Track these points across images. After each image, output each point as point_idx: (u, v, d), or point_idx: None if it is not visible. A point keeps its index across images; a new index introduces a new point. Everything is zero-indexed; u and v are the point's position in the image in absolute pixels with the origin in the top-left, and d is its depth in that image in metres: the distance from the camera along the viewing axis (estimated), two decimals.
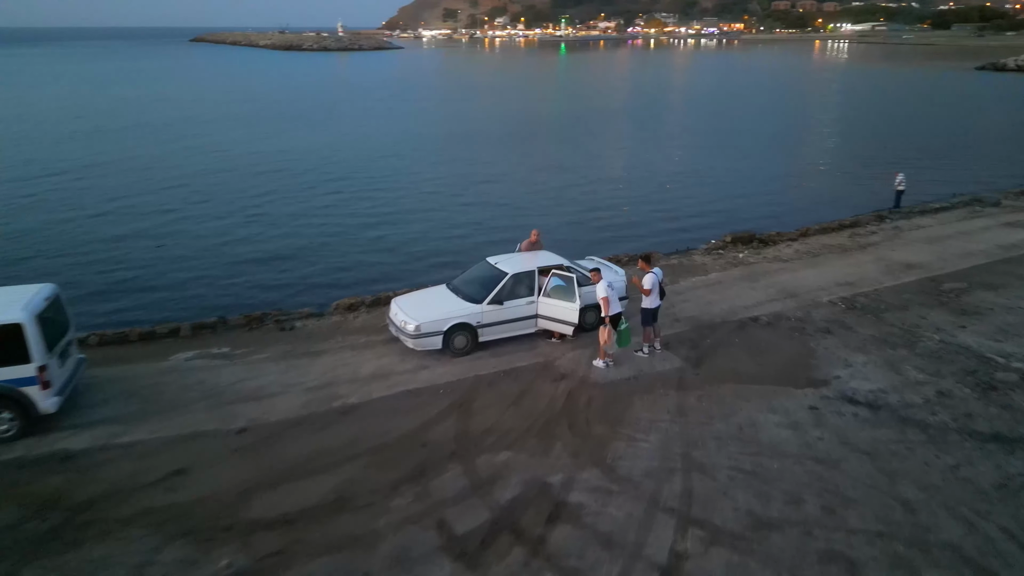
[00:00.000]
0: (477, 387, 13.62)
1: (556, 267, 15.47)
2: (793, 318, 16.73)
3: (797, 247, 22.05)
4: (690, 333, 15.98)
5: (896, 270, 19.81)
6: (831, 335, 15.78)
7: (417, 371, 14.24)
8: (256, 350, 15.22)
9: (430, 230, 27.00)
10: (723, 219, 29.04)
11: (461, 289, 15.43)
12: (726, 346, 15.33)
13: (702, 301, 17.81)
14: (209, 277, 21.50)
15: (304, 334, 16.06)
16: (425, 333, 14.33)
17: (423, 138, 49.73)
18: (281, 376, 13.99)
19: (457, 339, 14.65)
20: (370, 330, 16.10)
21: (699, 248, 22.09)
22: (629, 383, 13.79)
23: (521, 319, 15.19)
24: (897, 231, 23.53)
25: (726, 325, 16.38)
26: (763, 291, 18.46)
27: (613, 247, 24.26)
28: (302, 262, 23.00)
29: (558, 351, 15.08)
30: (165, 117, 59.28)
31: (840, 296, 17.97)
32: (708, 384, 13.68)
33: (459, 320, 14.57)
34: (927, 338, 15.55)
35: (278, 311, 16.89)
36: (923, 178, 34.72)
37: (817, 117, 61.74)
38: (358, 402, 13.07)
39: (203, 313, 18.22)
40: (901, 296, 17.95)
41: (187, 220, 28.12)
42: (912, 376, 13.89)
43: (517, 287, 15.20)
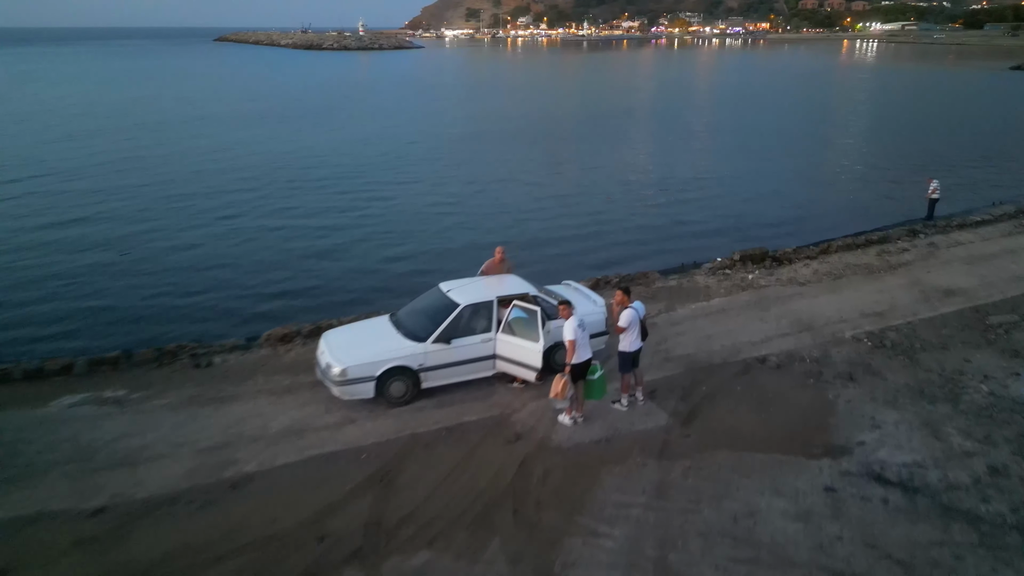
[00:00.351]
0: (410, 451, 10.94)
1: (519, 297, 12.71)
2: (809, 359, 13.87)
3: (816, 267, 19.12)
4: (683, 377, 13.18)
5: (933, 297, 16.85)
6: (855, 383, 12.91)
7: (341, 426, 11.58)
8: (157, 393, 12.66)
9: (419, 243, 24.18)
10: (736, 229, 26.21)
11: (404, 322, 12.75)
12: (725, 396, 12.52)
13: (701, 334, 14.98)
14: (146, 297, 18.96)
15: (220, 372, 13.48)
16: (353, 379, 11.68)
17: (424, 140, 47.06)
18: (173, 431, 11.40)
19: (394, 386, 12.00)
20: (300, 368, 13.49)
21: (703, 267, 19.19)
22: (599, 448, 11.04)
23: (474, 360, 12.48)
24: (932, 249, 20.51)
25: (727, 367, 13.56)
26: (774, 322, 15.59)
27: (605, 263, 21.54)
28: (263, 279, 20.36)
29: (519, 400, 12.37)
30: (155, 116, 57.21)
31: (866, 330, 15.07)
32: (699, 450, 10.90)
33: (396, 363, 11.89)
34: (973, 389, 12.63)
35: (196, 343, 14.32)
36: (958, 185, 31.61)
37: (844, 118, 58.35)
38: (256, 471, 10.44)
39: (128, 341, 15.74)
40: (940, 331, 15.01)
41: (136, 230, 25.58)
42: (956, 443, 11.01)
43: (471, 321, 12.52)
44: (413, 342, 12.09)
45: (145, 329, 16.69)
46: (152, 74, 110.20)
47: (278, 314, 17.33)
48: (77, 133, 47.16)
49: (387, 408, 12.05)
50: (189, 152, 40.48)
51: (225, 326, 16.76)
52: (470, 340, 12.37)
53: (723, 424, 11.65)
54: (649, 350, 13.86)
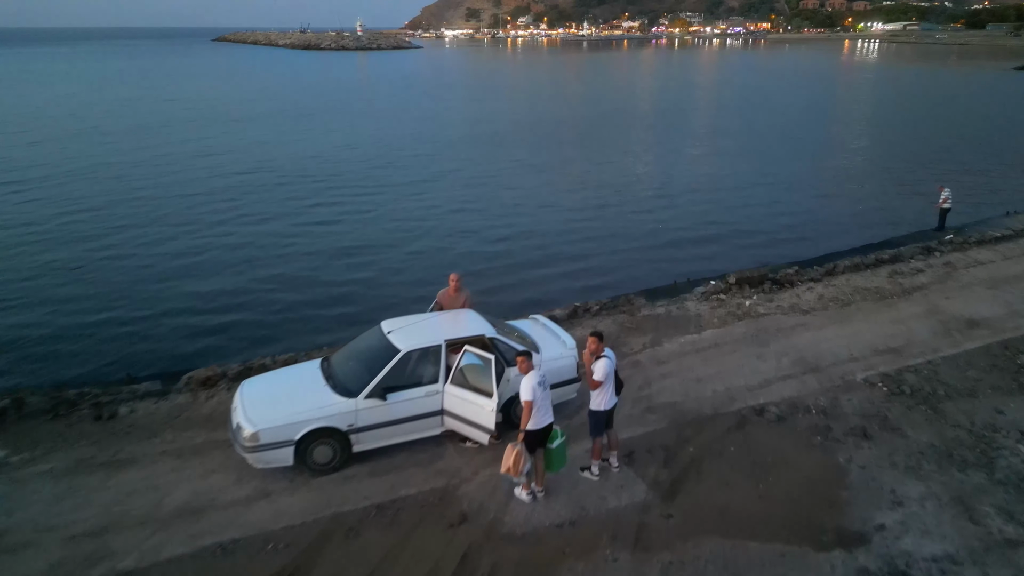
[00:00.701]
0: (329, 538, 8.93)
1: (473, 340, 10.69)
2: (815, 408, 11.85)
3: (821, 291, 17.10)
4: (667, 433, 11.16)
5: (954, 329, 14.84)
6: (870, 442, 10.90)
7: (251, 503, 9.56)
8: (42, 455, 10.67)
9: (383, 264, 21.93)
10: (734, 239, 24.37)
11: (336, 371, 10.72)
12: (716, 459, 10.50)
13: (690, 377, 12.96)
14: (59, 329, 16.81)
15: (124, 427, 11.47)
16: (266, 444, 9.63)
17: (401, 145, 44.94)
18: (47, 509, 9.39)
19: (317, 451, 9.97)
20: (217, 421, 11.50)
21: (695, 292, 17.16)
22: (562, 533, 9.03)
23: (417, 417, 10.45)
24: (950, 270, 18.49)
25: (719, 421, 11.54)
26: (774, 361, 13.57)
27: (588, 282, 19.56)
28: (200, 306, 18.17)
29: (469, 466, 10.36)
30: (121, 122, 55.15)
31: (880, 372, 13.05)
32: (682, 539, 8.88)
33: (320, 424, 9.85)
34: (1010, 451, 10.63)
35: (101, 389, 12.29)
36: (968, 191, 29.57)
37: (847, 121, 56.31)
38: (132, 567, 8.45)
39: (32, 381, 13.75)
40: (965, 373, 12.99)
41: (97, 245, 23.48)
42: (996, 528, 9.01)
43: (415, 370, 10.52)
44: (342, 397, 10.05)
45: (52, 367, 14.61)
46: (140, 75, 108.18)
47: (210, 349, 15.26)
48: (44, 138, 45.06)
49: (310, 477, 10.00)
50: (139, 162, 37.96)
51: (146, 363, 14.67)
52: (412, 394, 10.36)
53: (713, 500, 9.63)
54: (629, 397, 11.94)
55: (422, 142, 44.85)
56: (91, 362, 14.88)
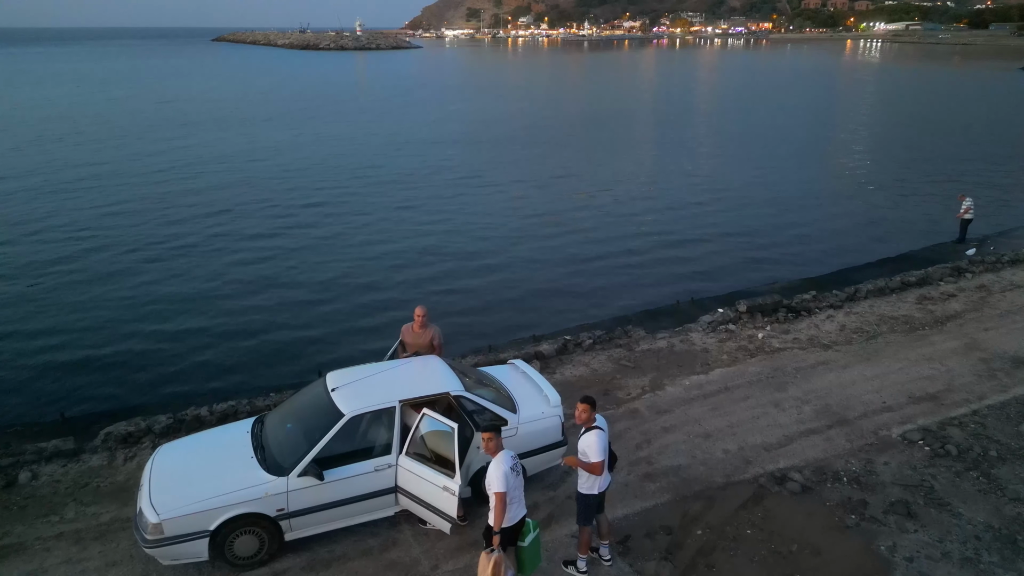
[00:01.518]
0: None
1: (435, 399, 8.77)
2: (846, 475, 9.96)
3: (842, 320, 15.20)
4: (669, 511, 9.26)
5: (999, 369, 12.94)
6: (914, 522, 9.01)
7: None
8: None
9: (359, 287, 19.88)
10: (739, 255, 22.45)
11: (268, 437, 8.79)
12: (729, 549, 8.61)
13: (696, 431, 11.05)
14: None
15: (21, 498, 9.61)
16: (173, 537, 7.71)
17: (385, 148, 43.04)
18: None
19: (240, 542, 8.02)
20: (130, 491, 9.64)
21: (701, 321, 15.25)
22: None
23: (364, 497, 8.51)
24: (985, 294, 16.59)
25: (733, 492, 9.63)
26: (794, 410, 11.66)
27: (583, 305, 17.69)
28: (132, 344, 16.10)
29: (429, 556, 8.45)
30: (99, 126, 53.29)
31: (920, 425, 11.16)
32: None
33: (241, 510, 7.91)
34: None
35: (2, 448, 10.36)
36: (985, 199, 27.69)
37: (854, 123, 54.34)
38: None
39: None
40: (1018, 427, 11.06)
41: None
42: None
43: (362, 438, 8.59)
44: (272, 476, 8.13)
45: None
46: (135, 75, 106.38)
47: (141, 396, 13.36)
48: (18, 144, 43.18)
49: (230, 572, 8.06)
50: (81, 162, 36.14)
51: (65, 409, 12.73)
52: (359, 468, 8.46)
53: None
54: (625, 457, 10.07)
55: (409, 144, 42.93)
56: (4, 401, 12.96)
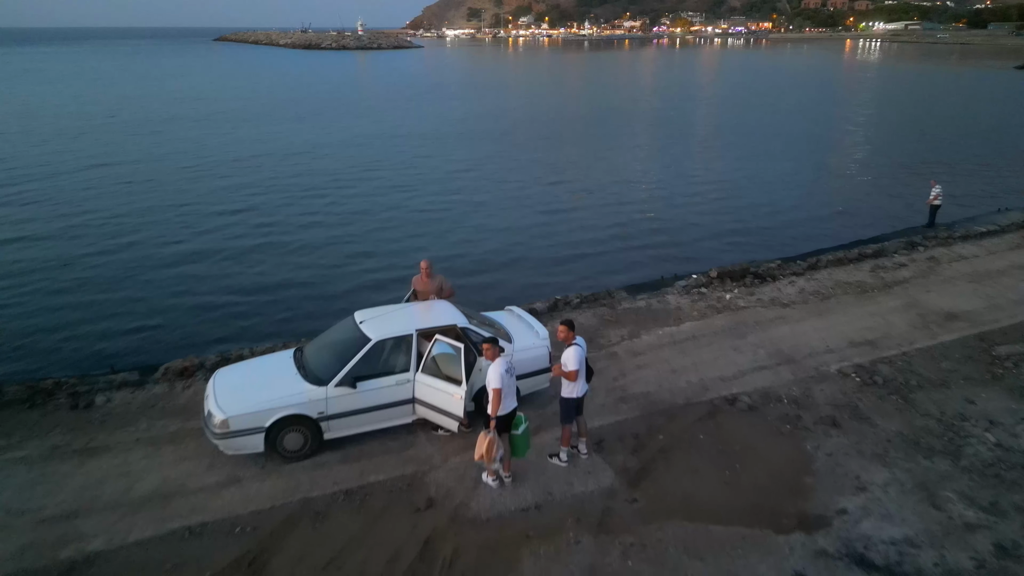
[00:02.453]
0: (296, 522, 9.03)
1: (445, 329, 10.78)
2: (787, 398, 11.94)
3: (803, 285, 17.17)
4: (638, 423, 11.25)
5: (932, 322, 14.91)
6: (839, 430, 10.99)
7: (221, 489, 9.67)
8: (17, 443, 10.78)
9: (372, 256, 22.13)
10: (722, 236, 24.44)
11: (309, 360, 10.82)
12: (685, 447, 10.59)
13: (664, 368, 13.05)
14: (40, 320, 16.96)
15: (100, 416, 11.57)
16: (237, 431, 9.76)
17: (395, 141, 45.01)
18: (19, 494, 9.51)
19: (288, 438, 10.06)
20: (191, 410, 11.59)
21: (676, 285, 17.24)
22: (526, 518, 9.11)
23: (388, 406, 10.55)
24: (933, 264, 18.55)
25: (691, 410, 11.62)
26: (750, 352, 13.66)
27: (572, 278, 19.64)
28: (181, 299, 18.27)
29: (440, 454, 10.46)
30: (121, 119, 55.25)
31: (855, 363, 13.13)
32: (645, 522, 8.98)
33: (290, 411, 9.95)
34: (977, 439, 10.70)
35: (78, 378, 12.40)
36: (962, 188, 29.67)
37: (844, 120, 56.22)
38: (101, 549, 8.55)
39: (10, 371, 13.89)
40: (939, 365, 13.07)
41: (45, 241, 23.55)
42: (957, 513, 9.08)
43: (386, 359, 10.58)
44: (313, 386, 10.15)
45: (31, 359, 14.77)
46: (143, 74, 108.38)
47: (189, 340, 15.42)
48: (48, 137, 45.19)
49: (282, 463, 10.10)
50: (128, 159, 38.17)
51: (126, 352, 14.84)
52: (383, 382, 10.46)
53: (679, 486, 9.73)
54: (602, 387, 12.04)
55: (417, 139, 44.92)
56: (71, 354, 15.01)
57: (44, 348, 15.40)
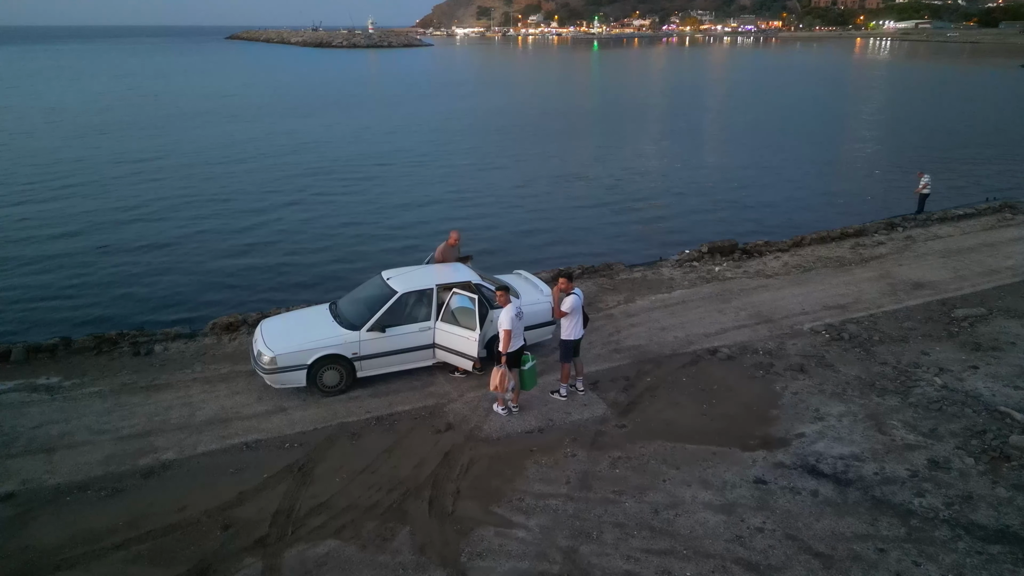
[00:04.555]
0: (335, 440, 10.69)
1: (461, 285, 12.43)
2: (762, 351, 13.54)
3: (787, 259, 18.74)
4: (628, 368, 12.87)
5: (900, 290, 16.46)
6: (804, 375, 12.57)
7: (270, 415, 11.35)
8: (90, 381, 12.47)
9: (390, 231, 24.36)
10: (720, 223, 25.80)
11: (343, 311, 12.50)
12: (669, 387, 12.20)
13: (655, 326, 14.66)
14: (98, 283, 18.96)
15: (159, 361, 13.27)
16: (283, 367, 11.44)
17: (411, 131, 46.76)
18: (98, 419, 11.20)
19: (327, 374, 11.75)
20: (239, 357, 13.28)
21: (670, 259, 18.84)
22: (530, 438, 10.76)
23: (412, 349, 12.22)
24: (909, 242, 20.08)
25: (676, 359, 13.23)
26: (732, 314, 15.25)
27: (576, 253, 21.26)
28: (222, 265, 20.47)
29: (456, 390, 12.11)
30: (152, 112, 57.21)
31: (826, 323, 14.71)
32: (631, 441, 10.59)
33: (328, 351, 11.62)
34: (926, 382, 12.26)
35: (138, 331, 14.11)
36: (957, 180, 31.18)
37: (850, 116, 57.59)
38: (173, 458, 10.22)
39: (76, 328, 15.68)
40: (901, 324, 14.63)
41: (95, 216, 25.64)
42: (899, 436, 10.66)
43: (410, 309, 12.23)
44: (348, 330, 11.82)
45: (93, 314, 16.65)
46: (164, 72, 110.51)
47: (231, 301, 17.23)
48: (85, 128, 47.16)
49: (320, 397, 11.78)
50: (164, 146, 40.35)
51: (176, 312, 16.67)
52: (408, 328, 12.11)
53: (662, 415, 11.34)
54: (599, 341, 13.65)
55: (435, 131, 46.64)
56: (129, 309, 17.01)
57: (96, 304, 17.38)
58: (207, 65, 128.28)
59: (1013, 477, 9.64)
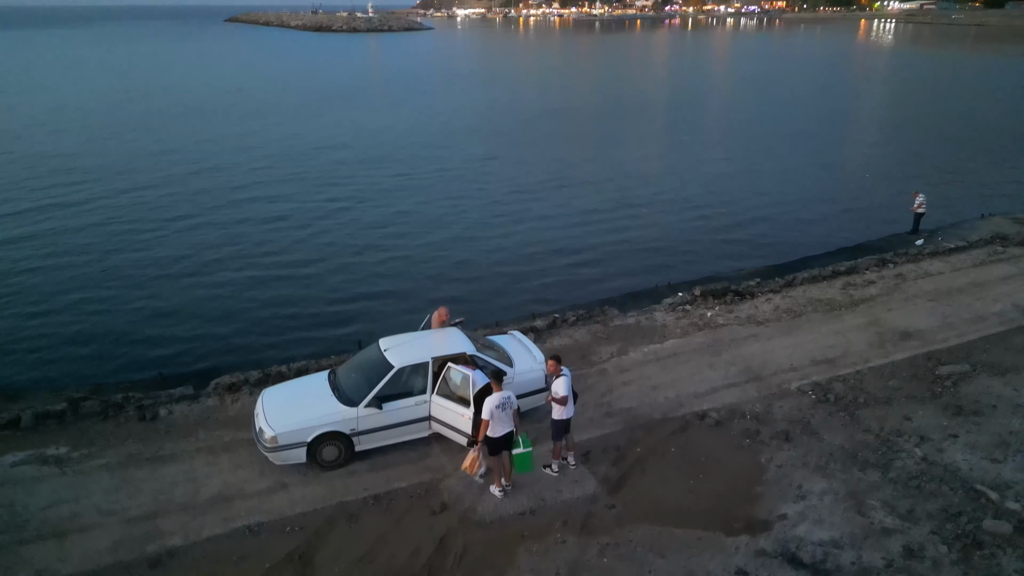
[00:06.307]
0: (334, 523, 11.13)
1: (457, 357, 12.80)
2: (750, 414, 13.92)
3: (778, 302, 19.07)
4: (620, 436, 13.27)
5: (888, 341, 16.80)
6: (790, 444, 12.96)
7: (272, 492, 11.78)
8: (98, 451, 12.90)
9: (377, 275, 24.20)
10: (714, 248, 26.23)
11: (341, 382, 12.90)
12: (658, 459, 12.60)
13: (647, 384, 15.04)
14: (108, 333, 19.24)
15: (164, 427, 13.69)
16: (284, 446, 11.84)
17: (396, 143, 46.89)
18: (107, 497, 11.64)
19: (326, 450, 12.17)
20: (242, 422, 13.68)
21: (664, 303, 19.18)
22: (522, 521, 11.18)
23: (409, 423, 12.61)
24: (899, 281, 20.38)
25: (666, 424, 13.63)
26: (723, 370, 15.62)
27: (567, 290, 21.68)
28: (223, 317, 20.51)
29: (452, 463, 12.53)
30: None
31: (813, 381, 15.08)
32: (620, 525, 11.02)
33: (327, 428, 12.03)
34: (907, 454, 12.64)
35: (143, 394, 14.52)
36: (951, 191, 31.96)
37: (848, 113, 57.57)
38: (179, 544, 10.68)
39: (85, 380, 16.17)
40: (887, 383, 14.99)
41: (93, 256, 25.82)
42: (879, 520, 11.06)
43: (406, 383, 12.62)
44: (345, 407, 12.21)
45: (105, 365, 17.21)
46: (170, 61, 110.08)
47: (238, 351, 17.83)
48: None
49: (320, 472, 12.19)
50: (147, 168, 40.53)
51: (183, 364, 17.15)
52: (404, 403, 12.49)
53: (650, 493, 11.74)
54: (592, 402, 14.04)
55: (424, 136, 46.83)
56: (123, 363, 17.38)
57: (95, 357, 17.86)
58: (210, 52, 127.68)
59: (983, 567, 10.05)
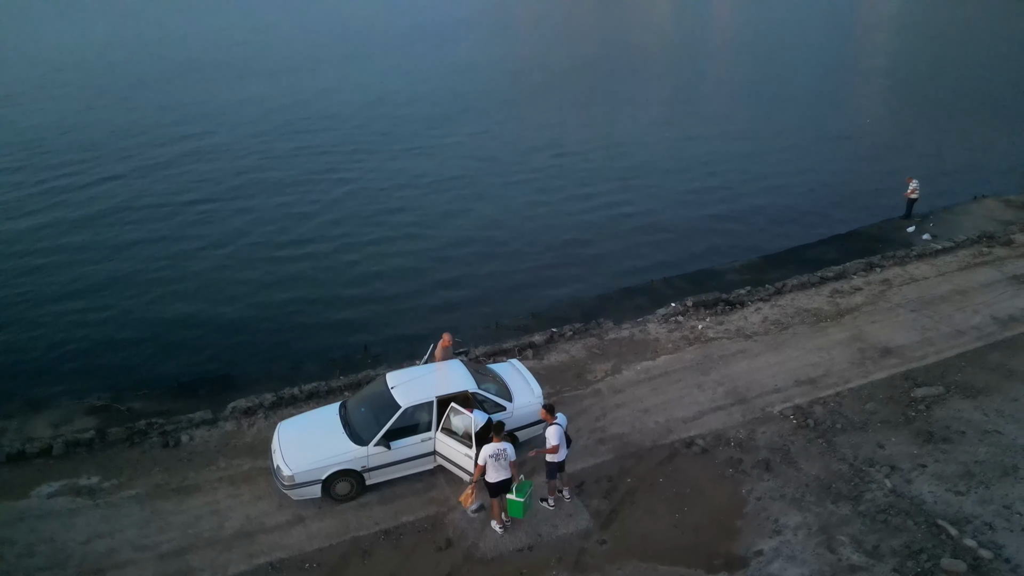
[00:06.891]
0: (348, 561, 12.23)
1: (459, 395, 13.73)
2: (734, 441, 14.92)
3: (767, 312, 19.90)
4: (612, 465, 14.30)
5: (869, 359, 17.69)
6: (770, 474, 14.00)
7: (290, 527, 12.86)
8: (128, 481, 13.93)
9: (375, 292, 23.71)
10: (710, 237, 26.93)
11: (351, 418, 13.86)
12: (647, 491, 13.65)
13: (638, 408, 16.00)
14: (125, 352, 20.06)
15: (187, 453, 14.69)
16: (301, 484, 12.85)
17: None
18: (139, 531, 12.71)
19: (339, 485, 13.21)
20: (258, 449, 14.68)
21: (657, 314, 20.00)
22: (522, 557, 12.27)
23: (415, 458, 13.60)
24: (885, 288, 21.16)
25: (655, 453, 14.64)
26: (710, 391, 16.57)
27: (561, 290, 22.50)
28: (241, 334, 21.02)
29: (456, 495, 13.49)
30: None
31: (795, 404, 16.04)
32: (611, 561, 12.12)
33: (341, 467, 13.02)
34: (877, 485, 13.68)
35: (164, 419, 15.46)
36: (948, 163, 32.92)
37: (849, 70, 56.68)
38: None
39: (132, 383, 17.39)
40: (864, 406, 15.95)
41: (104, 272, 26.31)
42: (845, 556, 12.15)
43: (412, 420, 13.57)
44: (357, 445, 13.16)
45: (121, 373, 18.67)
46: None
47: (248, 351, 19.02)
48: None
49: (334, 505, 13.21)
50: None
51: (197, 365, 18.67)
52: (411, 440, 13.45)
53: (639, 528, 12.79)
54: (586, 428, 15.04)
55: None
56: (139, 368, 18.78)
57: (110, 369, 18.87)
58: None
59: None
